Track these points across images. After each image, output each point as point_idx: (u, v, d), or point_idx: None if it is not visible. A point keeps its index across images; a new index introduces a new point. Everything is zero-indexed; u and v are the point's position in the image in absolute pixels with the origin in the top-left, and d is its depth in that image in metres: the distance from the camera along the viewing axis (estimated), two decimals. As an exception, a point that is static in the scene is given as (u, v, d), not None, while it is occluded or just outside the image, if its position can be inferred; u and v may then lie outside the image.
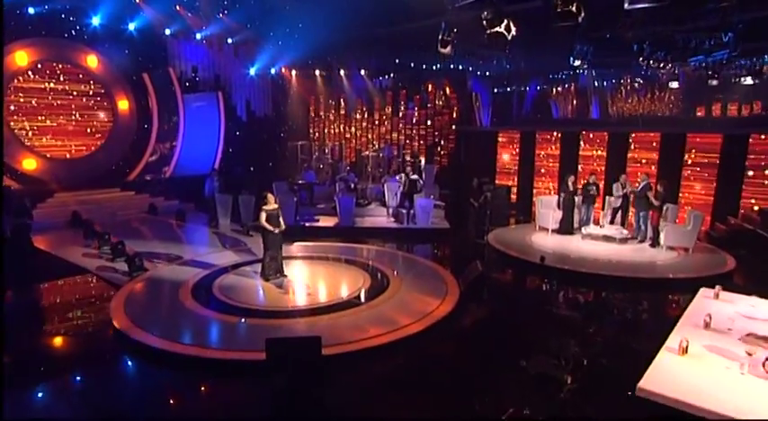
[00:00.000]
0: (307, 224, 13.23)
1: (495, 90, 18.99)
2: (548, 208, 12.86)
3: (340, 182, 15.13)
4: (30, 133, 15.24)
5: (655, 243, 11.31)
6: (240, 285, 8.86)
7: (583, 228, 12.19)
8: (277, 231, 8.59)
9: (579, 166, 15.06)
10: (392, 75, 19.64)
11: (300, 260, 10.46)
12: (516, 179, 15.80)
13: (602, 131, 14.64)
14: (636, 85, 17.62)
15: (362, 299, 8.12)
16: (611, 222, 12.23)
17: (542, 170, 15.49)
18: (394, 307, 7.79)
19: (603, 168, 14.40)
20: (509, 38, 8.11)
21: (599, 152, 14.69)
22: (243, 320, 7.17)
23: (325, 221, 13.43)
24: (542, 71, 21.08)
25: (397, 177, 13.41)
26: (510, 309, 8.39)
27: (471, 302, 8.23)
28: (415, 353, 6.49)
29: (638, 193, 11.45)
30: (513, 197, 14.68)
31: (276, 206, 8.73)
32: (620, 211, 12.16)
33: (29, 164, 15.09)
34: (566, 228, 12.48)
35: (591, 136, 14.78)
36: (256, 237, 10.73)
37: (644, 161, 13.72)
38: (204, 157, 16.42)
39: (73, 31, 15.73)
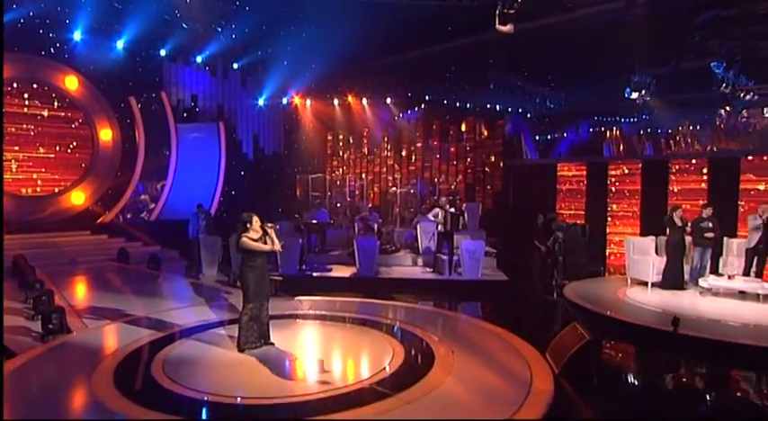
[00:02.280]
0: (315, 274, 10.54)
1: (538, 137, 16.85)
2: (643, 253, 9.64)
3: (359, 221, 12.35)
4: (-11, 163, 12.89)
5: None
6: (198, 358, 5.85)
7: (701, 281, 8.84)
8: (267, 248, 5.84)
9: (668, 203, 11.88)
10: (422, 106, 17.37)
11: (302, 321, 7.59)
12: (584, 219, 12.87)
13: (701, 158, 11.58)
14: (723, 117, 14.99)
15: (390, 385, 5.04)
16: (747, 272, 8.81)
17: (613, 206, 12.41)
18: (446, 402, 4.71)
19: (703, 203, 11.15)
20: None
21: (693, 185, 11.54)
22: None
23: (340, 271, 10.86)
24: (592, 110, 18.97)
25: (431, 215, 10.53)
26: (649, 405, 5.04)
27: (577, 393, 4.96)
28: None
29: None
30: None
31: (271, 225, 5.97)
32: (756, 256, 8.76)
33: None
34: (673, 280, 9.19)
35: (677, 167, 11.83)
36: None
37: (762, 188, 10.46)
38: (199, 199, 13.99)
39: (51, 48, 13.78)
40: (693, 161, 11.70)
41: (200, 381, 5.19)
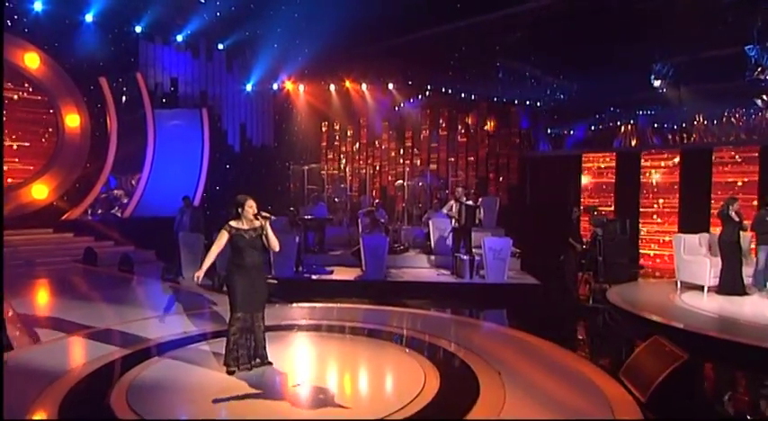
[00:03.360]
0: (314, 277, 9.59)
1: (549, 130, 16.07)
2: (695, 253, 8.62)
3: (364, 217, 11.44)
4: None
5: None
6: (173, 383, 4.72)
7: (768, 285, 7.82)
8: (215, 252, 4.75)
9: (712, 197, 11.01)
10: (427, 93, 16.39)
11: (303, 333, 6.51)
12: (613, 216, 12.05)
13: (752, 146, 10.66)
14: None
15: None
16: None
17: (650, 203, 11.53)
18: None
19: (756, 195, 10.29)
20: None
21: (741, 177, 10.62)
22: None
23: (342, 273, 9.88)
24: (605, 101, 18.19)
25: (445, 209, 9.66)
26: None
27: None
28: None
29: None
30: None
31: (259, 224, 4.79)
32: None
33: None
34: (733, 284, 8.17)
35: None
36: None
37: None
38: (179, 194, 12.92)
39: (7, 20, 12.48)
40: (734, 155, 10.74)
41: (174, 414, 4.01)
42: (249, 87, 16.44)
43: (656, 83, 14.21)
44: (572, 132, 15.07)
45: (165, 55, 15.07)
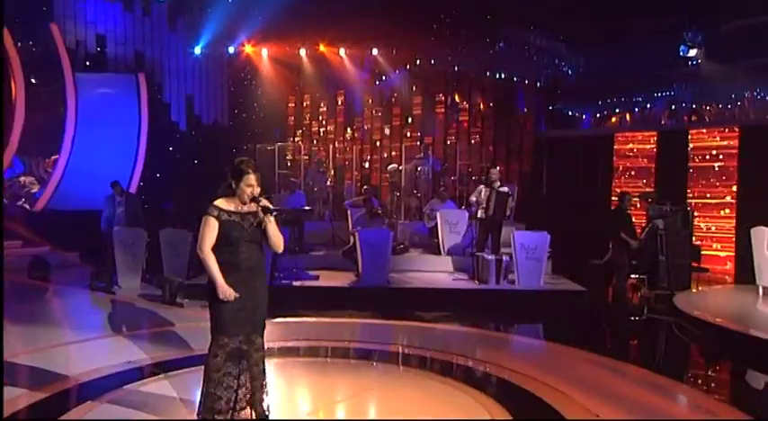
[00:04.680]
0: (296, 283, 8.74)
1: (571, 112, 15.77)
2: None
3: (353, 208, 10.73)
4: None
5: None
6: None
7: None
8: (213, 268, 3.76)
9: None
10: (418, 62, 15.86)
11: (299, 360, 5.68)
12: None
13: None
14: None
15: None
16: None
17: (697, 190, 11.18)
18: None
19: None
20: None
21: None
22: None
23: (331, 279, 9.13)
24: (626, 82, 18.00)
25: (474, 196, 9.17)
26: None
27: None
28: None
29: None
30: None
31: (266, 204, 3.78)
32: None
33: None
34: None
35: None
36: (192, 309, 7.38)
37: None
38: (109, 182, 11.87)
39: None
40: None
41: None
42: (198, 51, 15.50)
43: (692, 52, 13.88)
44: (599, 112, 14.62)
45: (89, 5, 14.05)
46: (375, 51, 15.60)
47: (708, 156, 11.39)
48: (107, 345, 6.03)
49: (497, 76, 15.45)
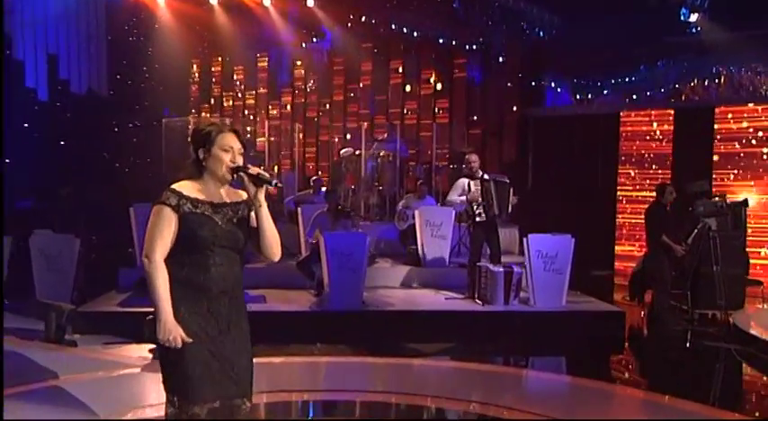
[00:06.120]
0: None
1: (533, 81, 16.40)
2: None
3: (303, 205, 10.36)
4: None
5: None
6: None
7: None
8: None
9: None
10: (373, 22, 15.94)
11: None
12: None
13: None
14: None
15: None
16: None
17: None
18: None
19: None
20: None
21: None
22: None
23: (282, 301, 8.79)
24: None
25: (455, 193, 8.96)
26: None
27: None
28: None
29: None
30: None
31: (259, 172, 3.19)
32: None
33: None
34: None
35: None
36: (89, 349, 7.22)
37: None
38: None
39: None
40: None
41: None
42: (60, -14, 14.97)
43: (694, 17, 14.62)
44: (600, 86, 14.98)
45: None
46: (311, 2, 15.34)
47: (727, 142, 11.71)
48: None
49: (469, 45, 15.77)
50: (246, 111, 16.91)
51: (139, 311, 7.33)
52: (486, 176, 8.84)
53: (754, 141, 11.60)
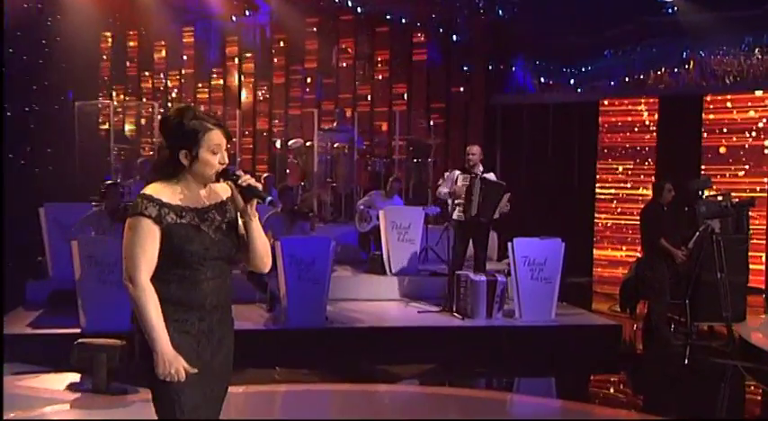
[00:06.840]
0: None
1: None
2: None
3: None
4: None
5: None
6: None
7: None
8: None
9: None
10: None
11: None
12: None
13: None
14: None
15: None
16: None
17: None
18: None
19: None
20: None
21: None
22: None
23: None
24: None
25: (444, 188, 9.12)
26: None
27: None
28: None
29: None
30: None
31: (249, 181, 3.17)
32: None
33: None
34: None
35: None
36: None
37: None
38: None
39: None
40: None
41: None
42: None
43: None
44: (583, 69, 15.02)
45: None
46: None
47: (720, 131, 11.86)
48: None
49: (428, 23, 15.54)
50: (170, 95, 16.58)
51: (56, 333, 7.04)
52: (478, 170, 8.74)
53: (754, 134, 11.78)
